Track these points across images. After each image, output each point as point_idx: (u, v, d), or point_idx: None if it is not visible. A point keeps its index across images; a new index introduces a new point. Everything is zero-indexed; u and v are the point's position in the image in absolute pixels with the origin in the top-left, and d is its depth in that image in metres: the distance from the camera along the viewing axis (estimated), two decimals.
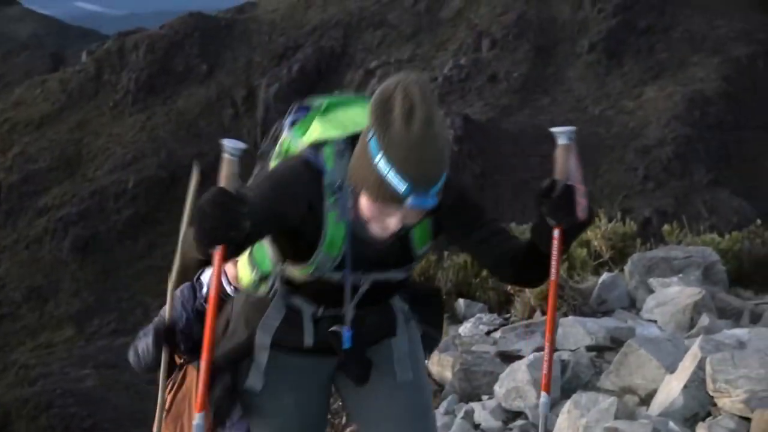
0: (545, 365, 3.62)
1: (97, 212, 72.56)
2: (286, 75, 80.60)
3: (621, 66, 79.94)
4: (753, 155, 70.57)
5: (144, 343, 4.93)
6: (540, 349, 7.11)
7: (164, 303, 4.86)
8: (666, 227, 10.45)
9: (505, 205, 50.46)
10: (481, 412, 6.45)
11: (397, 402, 3.89)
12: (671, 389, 5.05)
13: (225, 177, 3.19)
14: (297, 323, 3.72)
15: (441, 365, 7.55)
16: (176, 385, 4.97)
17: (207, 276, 5.00)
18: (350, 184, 3.31)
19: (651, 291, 7.40)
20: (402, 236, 3.46)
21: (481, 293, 10.01)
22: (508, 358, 7.16)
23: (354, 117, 3.53)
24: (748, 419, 4.64)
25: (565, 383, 6.24)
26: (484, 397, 6.77)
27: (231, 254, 3.30)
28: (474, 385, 7.02)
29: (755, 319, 6.60)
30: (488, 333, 7.99)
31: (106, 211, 72.79)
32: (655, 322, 6.76)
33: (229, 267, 4.15)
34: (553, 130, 3.40)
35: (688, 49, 78.88)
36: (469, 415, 6.53)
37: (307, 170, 3.40)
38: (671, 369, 5.29)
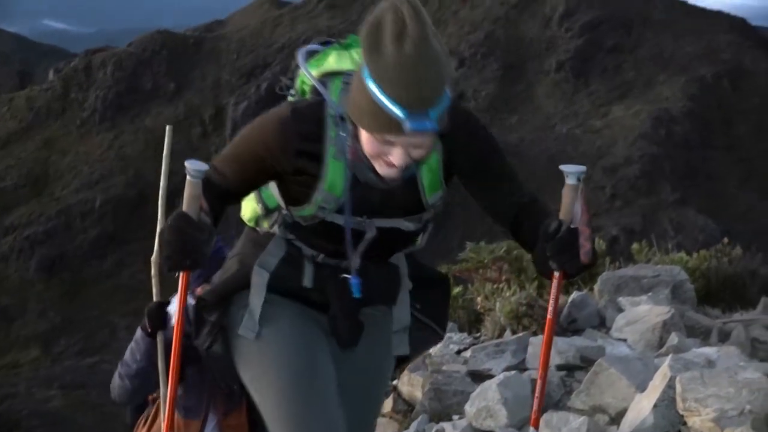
0: (536, 402, 3.42)
1: (63, 231, 72.31)
2: (254, 93, 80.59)
3: (588, 85, 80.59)
4: (718, 174, 71.18)
5: (130, 348, 4.67)
6: (510, 368, 7.11)
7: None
8: (635, 246, 10.48)
9: (477, 221, 50.36)
10: None
11: (365, 376, 3.65)
12: (641, 408, 5.05)
13: (187, 199, 3.13)
14: (296, 264, 3.48)
15: (411, 385, 7.52)
16: (149, 419, 4.74)
17: (173, 306, 4.52)
18: (349, 120, 3.09)
19: (620, 310, 7.41)
20: (410, 180, 3.25)
21: (452, 312, 10.02)
22: (479, 377, 7.15)
23: None
24: None
25: None
26: (455, 417, 6.74)
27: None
28: (444, 404, 6.99)
29: (723, 338, 6.62)
30: (458, 352, 7.97)
31: (73, 230, 72.55)
32: (625, 341, 6.76)
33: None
34: (564, 167, 3.23)
35: (654, 68, 79.60)
36: None
37: (290, 121, 3.19)
38: (641, 388, 5.30)
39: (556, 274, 3.19)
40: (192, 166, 3.13)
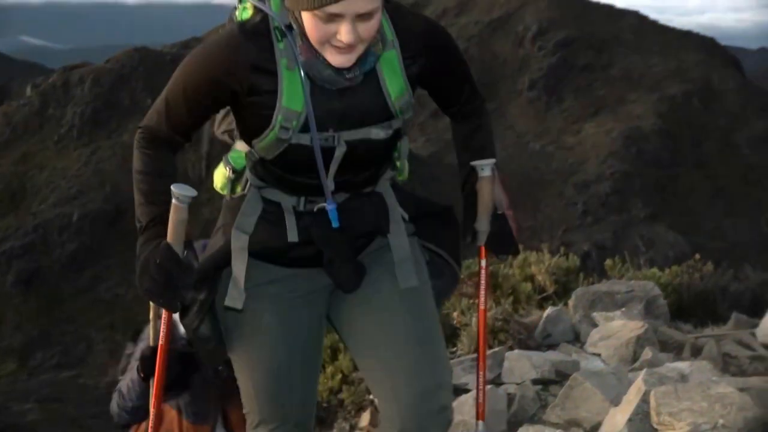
0: (479, 394, 3.74)
1: (41, 246, 71.96)
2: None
3: (561, 103, 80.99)
4: (688, 191, 71.53)
5: (127, 384, 4.64)
6: (486, 382, 7.12)
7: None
8: (608, 262, 10.51)
9: None
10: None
11: (397, 321, 3.36)
12: (616, 422, 5.06)
13: (173, 225, 3.08)
14: (276, 220, 3.29)
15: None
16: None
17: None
18: (290, 14, 2.97)
19: (595, 325, 7.42)
20: (371, 82, 3.09)
21: None
22: (455, 391, 7.15)
23: None
24: None
25: (511, 417, 6.22)
26: None
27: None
28: None
29: (696, 352, 6.64)
30: None
31: (50, 245, 72.20)
32: (599, 355, 6.77)
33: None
34: (474, 163, 3.45)
35: (625, 87, 79.99)
36: None
37: (240, 36, 3.05)
38: (616, 402, 5.31)
39: (483, 264, 3.57)
40: (179, 190, 3.07)
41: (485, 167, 3.38)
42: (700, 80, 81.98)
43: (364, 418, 7.62)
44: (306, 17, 2.84)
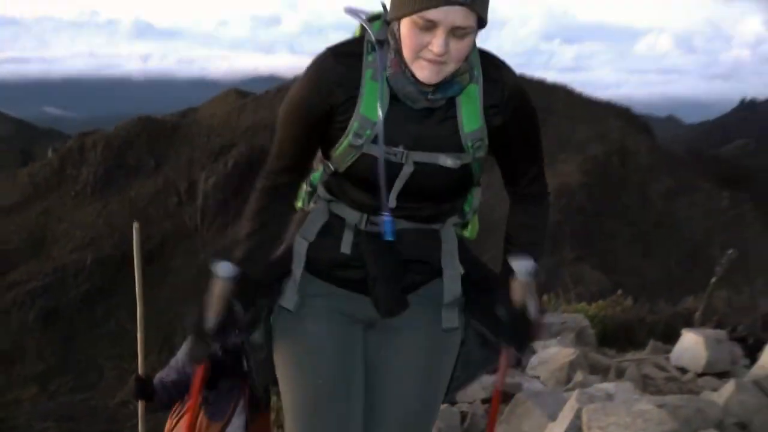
0: None
1: (59, 286, 71.46)
2: (222, 169, 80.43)
3: None
4: (609, 236, 71.89)
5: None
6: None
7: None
8: (544, 297, 10.54)
9: None
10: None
11: (407, 389, 3.01)
12: None
13: (214, 301, 2.83)
14: (336, 232, 2.95)
15: None
16: (179, 416, 4.71)
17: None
18: (389, 30, 2.70)
19: (534, 352, 7.44)
20: (448, 112, 2.76)
21: None
22: None
23: None
24: None
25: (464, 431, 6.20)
26: None
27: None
28: None
29: (620, 374, 6.66)
30: None
31: (66, 286, 71.72)
32: (539, 378, 6.78)
33: None
34: (514, 264, 2.97)
35: (556, 148, 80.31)
36: None
37: (329, 56, 2.76)
38: (553, 418, 5.30)
39: (504, 353, 3.01)
40: (222, 268, 2.83)
41: (522, 272, 2.94)
42: (617, 143, 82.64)
43: None
44: (404, 26, 2.59)
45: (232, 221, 75.27)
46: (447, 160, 2.77)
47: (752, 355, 6.11)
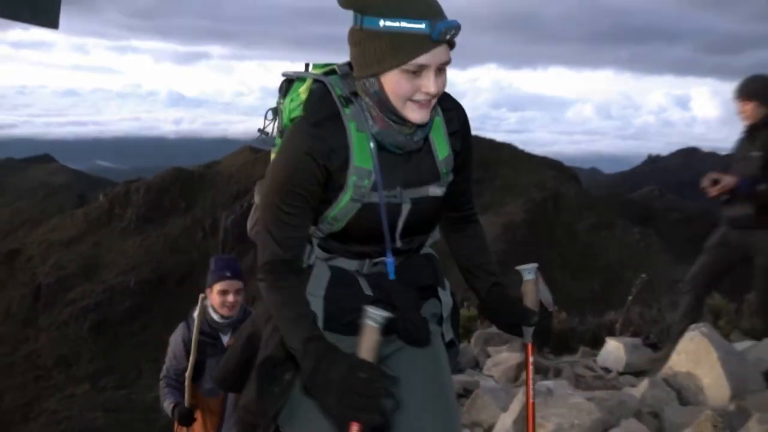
0: None
1: (107, 303, 71.38)
2: (239, 209, 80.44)
3: None
4: (545, 263, 71.99)
5: (166, 401, 4.62)
6: None
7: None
8: None
9: None
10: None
11: (435, 380, 2.52)
12: (505, 423, 4.97)
13: (366, 347, 2.12)
14: (348, 280, 2.40)
15: None
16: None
17: (196, 311, 4.57)
18: (360, 84, 2.22)
19: (489, 355, 7.38)
20: (424, 144, 2.34)
21: None
22: None
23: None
24: None
25: None
26: None
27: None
28: None
29: (557, 374, 6.60)
30: None
31: (113, 303, 71.64)
32: (493, 377, 6.72)
33: None
34: (519, 268, 2.63)
35: (504, 194, 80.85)
36: None
37: (311, 123, 2.25)
38: (504, 409, 5.24)
39: (529, 351, 2.60)
40: (373, 312, 2.12)
41: (530, 271, 2.61)
42: (552, 189, 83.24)
43: None
44: (391, 77, 2.14)
45: (247, 251, 75.25)
46: (436, 190, 2.40)
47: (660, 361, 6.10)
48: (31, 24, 1.73)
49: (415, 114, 2.18)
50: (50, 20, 1.76)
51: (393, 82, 2.14)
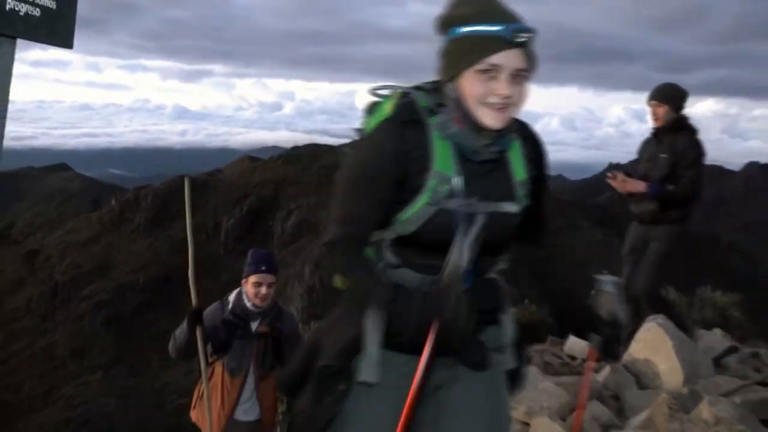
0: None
1: (119, 299, 71.12)
2: (238, 213, 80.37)
3: None
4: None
5: (180, 328, 4.41)
6: None
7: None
8: None
9: None
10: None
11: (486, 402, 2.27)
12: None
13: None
14: (408, 296, 2.07)
15: None
16: (207, 378, 4.46)
17: (232, 295, 4.61)
18: (448, 81, 2.10)
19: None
20: (502, 163, 2.19)
21: None
22: None
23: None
24: (528, 424, 4.64)
25: None
26: None
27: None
28: None
29: (527, 361, 6.61)
30: None
31: (125, 299, 71.38)
32: None
33: None
34: (600, 278, 2.43)
35: None
36: None
37: (394, 122, 2.12)
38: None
39: (588, 358, 2.49)
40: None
41: (610, 284, 2.40)
42: None
43: None
44: (467, 78, 2.05)
45: (246, 249, 74.84)
46: (511, 207, 2.19)
47: (623, 346, 6.11)
48: (48, 44, 1.72)
49: (489, 118, 2.07)
50: (65, 41, 1.76)
51: (468, 84, 2.06)
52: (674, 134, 5.73)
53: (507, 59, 2.01)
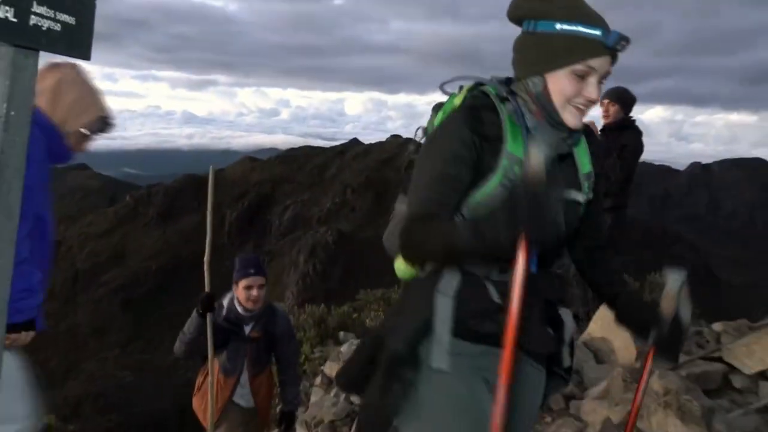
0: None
1: (134, 285, 70.99)
2: (240, 206, 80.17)
3: None
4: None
5: (188, 323, 4.15)
6: None
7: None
8: None
9: (364, 275, 50.32)
10: (354, 396, 6.26)
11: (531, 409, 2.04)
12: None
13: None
14: (477, 283, 1.87)
15: (331, 369, 7.36)
16: (206, 371, 4.26)
17: (225, 300, 4.29)
18: (536, 75, 1.87)
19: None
20: (569, 154, 1.98)
21: (352, 328, 9.88)
22: None
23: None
24: None
25: None
26: None
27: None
28: None
29: None
30: None
31: (140, 284, 71.28)
32: None
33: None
34: (667, 271, 2.02)
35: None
36: (347, 397, 6.34)
37: (469, 106, 1.88)
38: None
39: (649, 356, 2.06)
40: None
41: (677, 279, 1.98)
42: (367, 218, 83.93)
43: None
44: (559, 76, 1.83)
45: (247, 240, 74.74)
46: (578, 195, 1.97)
47: (581, 326, 6.12)
48: (68, 56, 1.70)
49: (572, 117, 1.88)
50: (83, 53, 1.73)
51: (559, 82, 1.85)
52: (620, 132, 5.81)
53: (602, 64, 1.84)
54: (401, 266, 2.02)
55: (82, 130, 2.66)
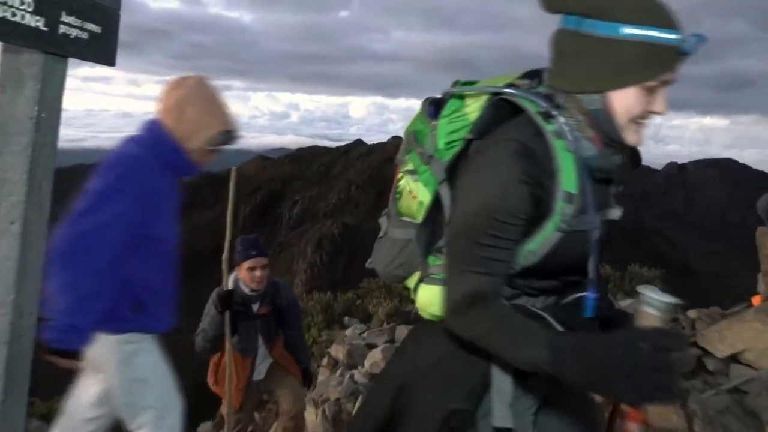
0: None
1: None
2: (253, 201, 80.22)
3: None
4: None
5: (207, 319, 4.02)
6: (386, 342, 6.98)
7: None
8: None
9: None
10: (358, 375, 6.26)
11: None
12: None
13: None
14: (533, 315, 1.49)
15: (337, 351, 7.37)
16: (230, 356, 4.03)
17: (230, 283, 4.07)
18: (597, 92, 1.40)
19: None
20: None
21: (356, 314, 9.89)
22: (371, 346, 7.04)
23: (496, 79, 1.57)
24: None
25: None
26: (359, 367, 6.62)
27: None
28: (354, 361, 6.85)
29: None
30: (360, 334, 7.86)
31: None
32: None
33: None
34: (642, 291, 1.40)
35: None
36: (352, 377, 6.37)
37: (522, 150, 1.39)
38: None
39: None
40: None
41: (651, 300, 1.37)
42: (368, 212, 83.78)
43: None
44: (627, 93, 1.38)
45: (260, 232, 74.69)
46: (617, 212, 1.56)
47: None
48: (95, 62, 1.70)
49: (635, 136, 1.44)
50: (109, 60, 1.73)
51: (626, 99, 1.39)
52: None
53: (676, 74, 1.39)
54: (429, 307, 1.63)
55: (206, 146, 2.59)
